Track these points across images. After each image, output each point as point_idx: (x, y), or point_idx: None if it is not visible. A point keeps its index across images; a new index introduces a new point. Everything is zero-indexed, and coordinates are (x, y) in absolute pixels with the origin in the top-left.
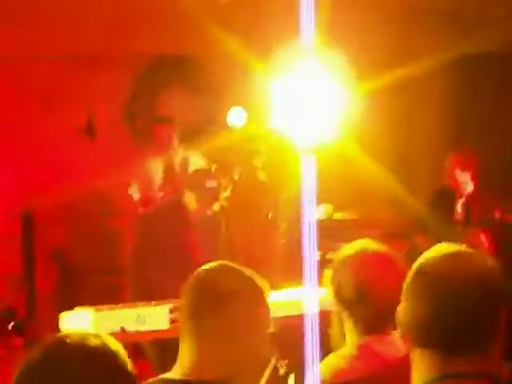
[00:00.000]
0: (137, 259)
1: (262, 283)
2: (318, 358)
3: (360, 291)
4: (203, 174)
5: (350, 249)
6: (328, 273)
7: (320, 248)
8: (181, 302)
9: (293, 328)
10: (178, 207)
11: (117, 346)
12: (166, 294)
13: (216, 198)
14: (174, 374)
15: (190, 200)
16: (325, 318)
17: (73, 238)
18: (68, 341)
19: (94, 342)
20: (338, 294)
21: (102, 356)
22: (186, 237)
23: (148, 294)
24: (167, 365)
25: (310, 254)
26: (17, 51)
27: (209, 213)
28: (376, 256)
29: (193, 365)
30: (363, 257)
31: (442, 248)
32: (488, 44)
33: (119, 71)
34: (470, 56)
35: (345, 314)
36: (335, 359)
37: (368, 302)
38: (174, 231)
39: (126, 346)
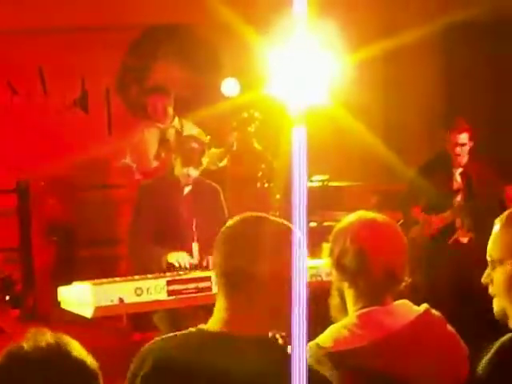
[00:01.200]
0: (134, 231)
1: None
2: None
3: (360, 259)
4: (185, 137)
5: (348, 218)
6: (327, 244)
7: (315, 216)
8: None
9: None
10: (172, 178)
11: (72, 345)
12: (163, 266)
13: (198, 159)
14: (212, 326)
15: (176, 164)
16: (324, 288)
17: (70, 209)
18: (25, 346)
19: (48, 344)
20: (337, 263)
21: (57, 356)
22: (178, 210)
23: (146, 267)
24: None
25: (301, 222)
26: (9, 24)
27: (192, 173)
28: (375, 224)
29: (230, 318)
30: (362, 225)
31: None
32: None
33: (112, 42)
34: (458, 26)
35: (345, 285)
36: (337, 329)
37: (368, 270)
38: (166, 205)
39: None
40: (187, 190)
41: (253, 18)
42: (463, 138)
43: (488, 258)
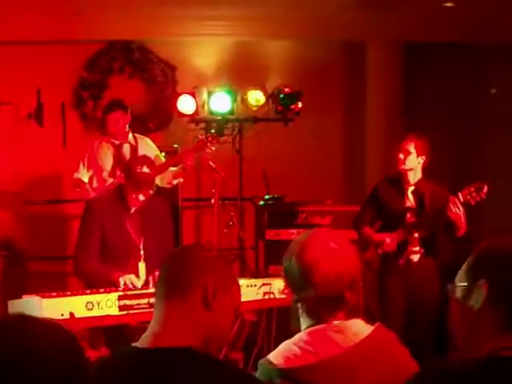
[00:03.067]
0: (81, 249)
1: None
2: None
3: (305, 275)
4: (137, 160)
5: (303, 234)
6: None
7: (270, 234)
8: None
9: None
10: (120, 197)
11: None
12: (110, 281)
13: (149, 184)
14: (142, 343)
15: (126, 187)
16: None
17: (20, 224)
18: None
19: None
20: (287, 280)
21: (61, 330)
22: (126, 226)
23: (93, 282)
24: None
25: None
26: None
27: (142, 198)
28: (327, 241)
29: (160, 333)
30: (314, 241)
31: None
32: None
33: (69, 56)
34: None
35: (295, 301)
36: (288, 345)
37: (312, 286)
38: (115, 221)
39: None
40: (134, 208)
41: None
42: (408, 145)
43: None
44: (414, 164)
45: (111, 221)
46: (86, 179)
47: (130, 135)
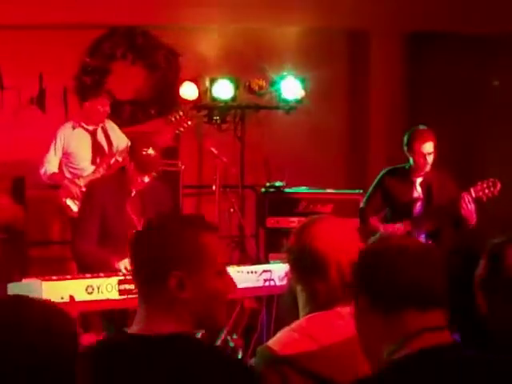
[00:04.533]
0: (80, 232)
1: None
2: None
3: (316, 261)
4: (141, 142)
5: (309, 219)
6: (286, 244)
7: (270, 221)
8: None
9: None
10: (121, 179)
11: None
12: (108, 265)
13: (154, 166)
14: (131, 329)
15: (130, 169)
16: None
17: (21, 208)
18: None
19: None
20: (293, 263)
21: (59, 313)
22: (126, 209)
23: (88, 265)
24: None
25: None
26: None
27: (146, 180)
28: (334, 227)
29: (146, 319)
30: (321, 227)
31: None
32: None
33: (72, 41)
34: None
35: (299, 287)
36: (287, 332)
37: (323, 272)
38: (115, 205)
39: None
40: (134, 191)
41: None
42: (429, 147)
43: None
44: (431, 160)
45: (112, 204)
46: (56, 169)
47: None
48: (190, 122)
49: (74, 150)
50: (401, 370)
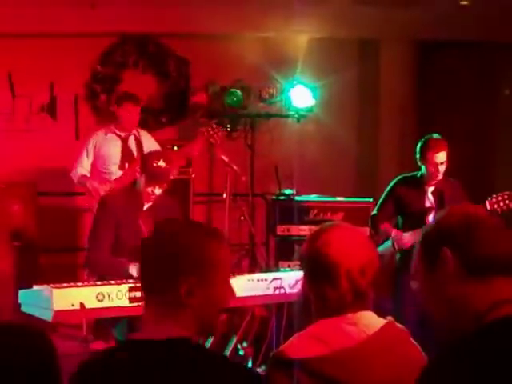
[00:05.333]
0: (94, 243)
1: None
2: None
3: (328, 268)
4: (153, 155)
5: (322, 226)
6: (299, 252)
7: (280, 229)
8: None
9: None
10: (134, 193)
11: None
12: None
13: (165, 178)
14: (140, 335)
15: (141, 181)
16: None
17: (33, 215)
18: None
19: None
20: (306, 270)
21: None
22: (138, 223)
23: (106, 274)
24: None
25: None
26: None
27: (157, 192)
28: (348, 233)
29: (153, 325)
30: (335, 233)
31: None
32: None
33: (83, 49)
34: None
35: (313, 292)
36: (300, 337)
37: (336, 279)
38: (128, 217)
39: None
40: (147, 205)
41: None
42: (442, 156)
43: None
44: (443, 169)
45: (124, 217)
46: (87, 172)
47: (134, 129)
48: (217, 138)
49: (104, 153)
50: (492, 334)
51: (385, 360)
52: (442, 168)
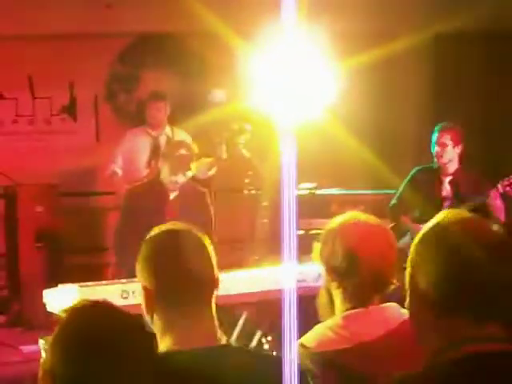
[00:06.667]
0: (118, 237)
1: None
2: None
3: (349, 260)
4: (174, 144)
5: (339, 218)
6: (317, 244)
7: (302, 225)
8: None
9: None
10: (158, 183)
11: None
12: None
13: (187, 166)
14: (164, 344)
15: (164, 171)
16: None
17: (57, 216)
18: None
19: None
20: (326, 264)
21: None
22: (164, 214)
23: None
24: None
25: (290, 229)
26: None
27: (181, 180)
28: (366, 226)
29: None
30: (354, 226)
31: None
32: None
33: (101, 50)
34: (444, 35)
35: (334, 285)
36: (322, 329)
37: (357, 271)
38: (152, 209)
39: None
40: (173, 194)
41: (242, 26)
42: (445, 138)
43: None
44: (451, 155)
45: (148, 208)
46: (119, 169)
47: (168, 128)
48: (243, 138)
49: (134, 151)
50: (446, 372)
51: (407, 353)
52: (446, 153)
